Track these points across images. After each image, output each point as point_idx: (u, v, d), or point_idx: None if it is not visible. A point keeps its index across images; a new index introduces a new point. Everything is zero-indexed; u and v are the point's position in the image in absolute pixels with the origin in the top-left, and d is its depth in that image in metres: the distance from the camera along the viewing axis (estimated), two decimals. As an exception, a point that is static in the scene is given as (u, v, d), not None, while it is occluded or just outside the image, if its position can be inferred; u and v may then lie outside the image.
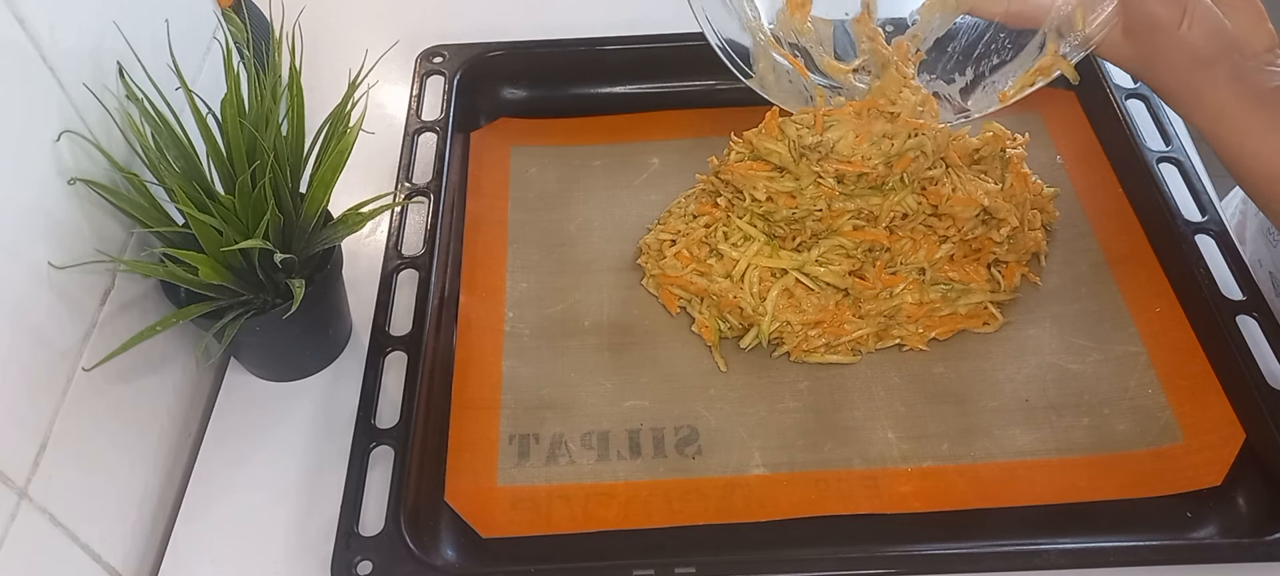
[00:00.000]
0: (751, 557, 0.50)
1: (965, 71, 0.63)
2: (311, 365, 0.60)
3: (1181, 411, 0.56)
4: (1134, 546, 0.50)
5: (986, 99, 0.61)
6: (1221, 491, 0.53)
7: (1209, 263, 0.60)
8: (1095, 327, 0.61)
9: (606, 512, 0.53)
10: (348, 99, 0.52)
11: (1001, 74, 0.62)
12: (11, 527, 0.42)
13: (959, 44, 0.62)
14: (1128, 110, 0.69)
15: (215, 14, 0.64)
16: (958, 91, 0.63)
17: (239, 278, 0.51)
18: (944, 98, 0.62)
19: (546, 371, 0.60)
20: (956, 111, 0.62)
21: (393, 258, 0.62)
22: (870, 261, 0.60)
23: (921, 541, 0.52)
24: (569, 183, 0.71)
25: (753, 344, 0.60)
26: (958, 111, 0.62)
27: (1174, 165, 0.66)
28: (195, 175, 0.51)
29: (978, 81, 0.62)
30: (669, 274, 0.63)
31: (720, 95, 0.75)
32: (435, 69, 0.74)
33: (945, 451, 0.56)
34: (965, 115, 0.62)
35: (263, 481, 0.55)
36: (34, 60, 0.45)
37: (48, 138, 0.45)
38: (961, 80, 0.63)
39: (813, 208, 0.59)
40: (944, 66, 0.62)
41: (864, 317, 0.60)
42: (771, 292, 0.60)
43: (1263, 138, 0.54)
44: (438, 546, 0.51)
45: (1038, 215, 0.64)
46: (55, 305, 0.46)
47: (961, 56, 0.62)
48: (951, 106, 0.62)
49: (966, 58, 0.62)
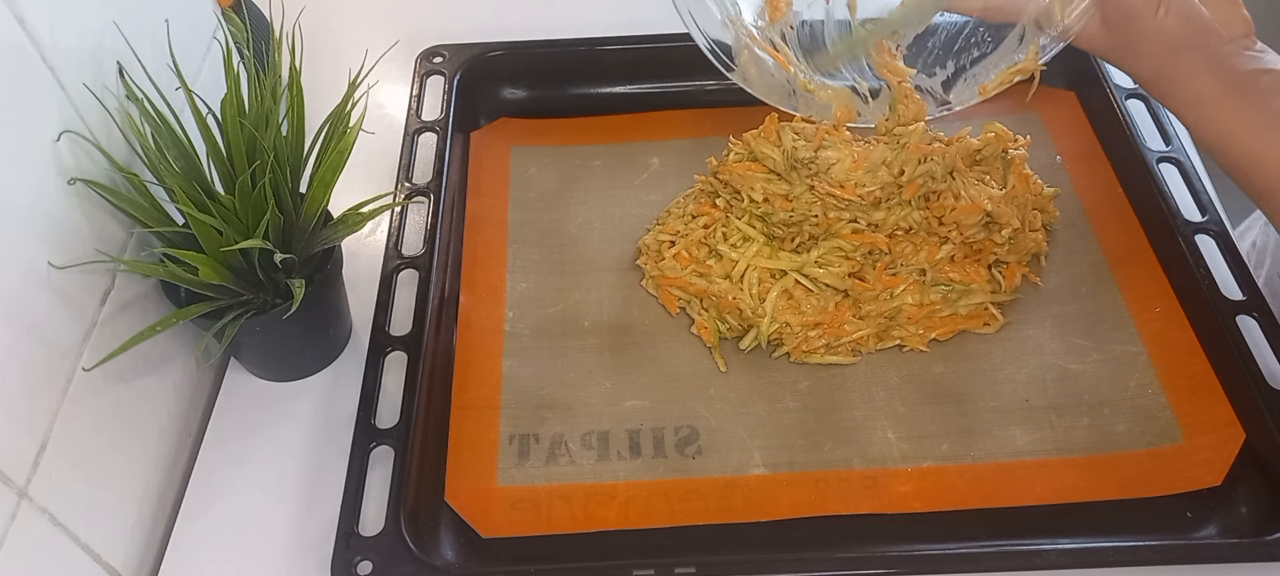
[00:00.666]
0: (751, 558, 0.50)
1: (946, 65, 0.63)
2: (311, 365, 0.60)
3: (1181, 411, 0.56)
4: (1134, 546, 0.50)
5: (968, 91, 0.62)
6: (1221, 491, 0.53)
7: (1209, 263, 0.60)
8: (1095, 328, 0.61)
9: (606, 512, 0.53)
10: (348, 99, 0.52)
11: (983, 67, 0.62)
12: (11, 527, 0.42)
13: (939, 39, 0.62)
14: (1128, 110, 0.69)
15: (215, 14, 0.64)
16: (939, 84, 0.63)
17: (239, 277, 0.51)
18: (926, 91, 0.62)
19: (546, 371, 0.60)
20: (939, 104, 0.62)
21: (393, 258, 0.62)
22: (870, 264, 0.60)
23: (921, 541, 0.52)
24: (569, 183, 0.71)
25: (752, 345, 0.60)
26: (939, 104, 0.62)
27: (1174, 165, 0.66)
28: (195, 175, 0.51)
29: (959, 74, 0.62)
30: (668, 276, 0.62)
31: (720, 95, 0.75)
32: (435, 69, 0.74)
33: (945, 451, 0.56)
34: (947, 107, 0.62)
35: (263, 481, 0.55)
36: (34, 60, 0.45)
37: (48, 138, 0.45)
38: (943, 73, 0.63)
39: (809, 213, 0.59)
40: (925, 61, 0.63)
41: (864, 319, 0.60)
42: (771, 294, 0.60)
43: (1239, 122, 0.54)
44: (438, 546, 0.51)
45: (1038, 215, 0.64)
46: (55, 305, 0.46)
47: (942, 51, 0.62)
48: (934, 100, 0.62)
49: (947, 52, 0.62)
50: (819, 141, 0.58)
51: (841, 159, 0.58)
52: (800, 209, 0.59)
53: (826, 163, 0.58)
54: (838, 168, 0.58)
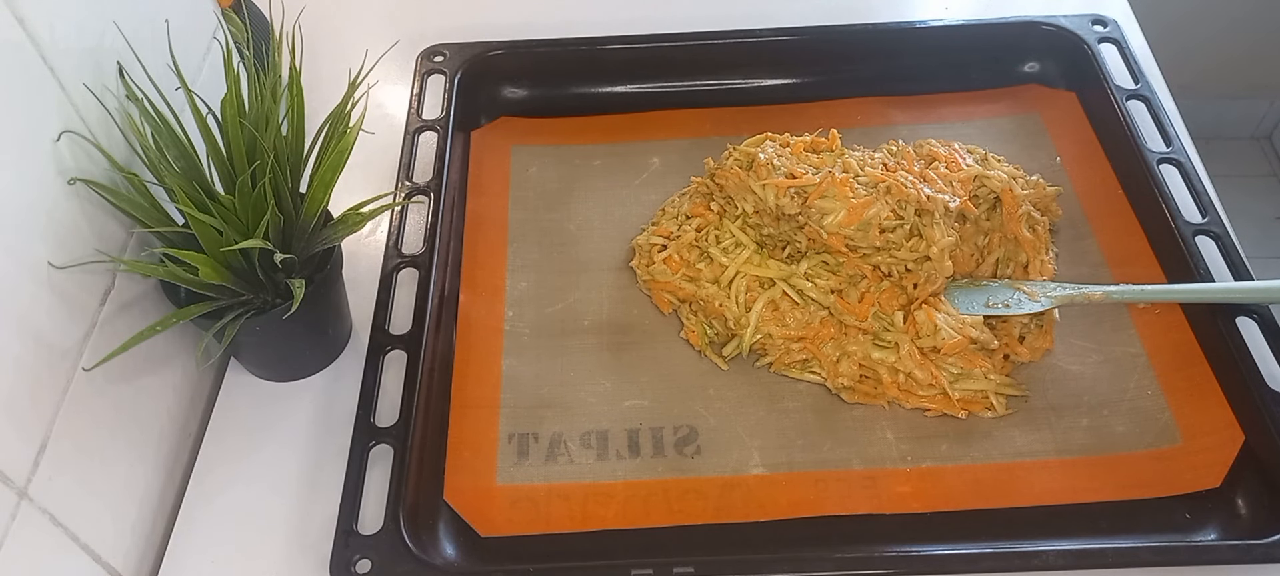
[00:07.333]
0: (750, 557, 0.50)
1: None
2: (311, 365, 0.60)
3: (1181, 413, 0.56)
4: (1133, 547, 0.50)
5: None
6: (1221, 493, 0.53)
7: (1209, 264, 0.60)
8: (1095, 328, 0.61)
9: (605, 512, 0.54)
10: (348, 99, 0.52)
11: None
12: (11, 527, 0.42)
13: None
14: (1128, 111, 0.69)
15: (215, 14, 0.64)
16: None
17: (239, 277, 0.51)
18: None
19: (546, 370, 0.60)
20: None
21: (393, 256, 0.62)
22: (851, 283, 0.59)
23: (920, 542, 0.52)
24: (569, 182, 0.71)
25: (734, 353, 0.60)
26: None
27: (1174, 166, 0.66)
28: (195, 175, 0.51)
29: None
30: (658, 280, 0.63)
31: (720, 95, 0.75)
32: (436, 68, 0.74)
33: (944, 452, 0.56)
34: None
35: (262, 480, 0.55)
36: (34, 60, 0.45)
37: (48, 138, 0.45)
38: None
39: (793, 237, 0.60)
40: None
41: (847, 355, 0.58)
42: (757, 304, 0.60)
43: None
44: (437, 545, 0.51)
45: (1040, 216, 0.64)
46: (55, 305, 0.46)
47: None
48: None
49: None
50: (816, 196, 0.58)
51: (836, 210, 0.58)
52: (786, 232, 0.60)
53: (821, 212, 0.58)
54: (831, 219, 0.58)
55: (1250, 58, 1.57)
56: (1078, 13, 0.76)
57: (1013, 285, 0.60)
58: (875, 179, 0.59)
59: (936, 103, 0.75)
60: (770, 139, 0.64)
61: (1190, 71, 1.53)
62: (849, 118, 0.73)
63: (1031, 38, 0.75)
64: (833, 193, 0.58)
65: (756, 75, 0.76)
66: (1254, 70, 1.59)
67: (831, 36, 0.75)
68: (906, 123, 0.73)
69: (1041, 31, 0.75)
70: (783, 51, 0.75)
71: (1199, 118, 1.49)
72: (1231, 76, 1.60)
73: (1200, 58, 1.53)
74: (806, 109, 0.74)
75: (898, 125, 0.73)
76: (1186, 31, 1.49)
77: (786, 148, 0.63)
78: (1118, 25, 0.75)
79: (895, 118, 0.74)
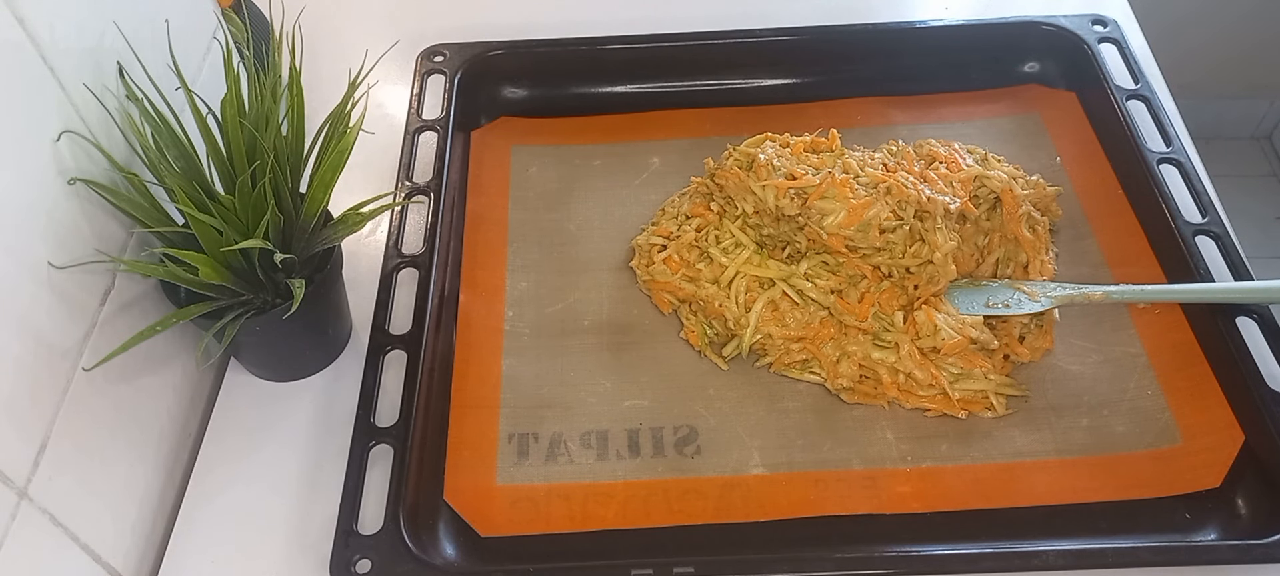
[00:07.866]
0: (750, 557, 0.50)
1: None
2: (311, 365, 0.60)
3: (1181, 413, 0.56)
4: (1133, 548, 0.50)
5: None
6: (1220, 493, 0.53)
7: (1209, 264, 0.60)
8: (1095, 328, 0.61)
9: (605, 512, 0.54)
10: (348, 99, 0.52)
11: None
12: (11, 527, 0.42)
13: None
14: (1128, 111, 0.69)
15: (215, 14, 0.64)
16: None
17: (239, 277, 0.51)
18: None
19: (546, 370, 0.60)
20: None
21: (393, 256, 0.62)
22: (851, 284, 0.59)
23: (920, 542, 0.52)
24: (569, 182, 0.71)
25: (734, 353, 0.60)
26: None
27: (1174, 166, 0.66)
28: (195, 175, 0.51)
29: None
30: (658, 280, 0.63)
31: (720, 95, 0.75)
32: (436, 68, 0.74)
33: (944, 452, 0.56)
34: None
35: (262, 480, 0.55)
36: (34, 60, 0.45)
37: (48, 138, 0.45)
38: None
39: (793, 238, 0.60)
40: None
41: (847, 356, 0.58)
42: (757, 304, 0.60)
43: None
44: (437, 545, 0.51)
45: (1041, 217, 0.64)
46: (55, 305, 0.46)
47: None
48: None
49: None
50: (816, 196, 0.58)
51: (836, 211, 0.58)
52: (786, 232, 0.60)
53: (820, 213, 0.58)
54: (831, 220, 0.58)
55: (1250, 58, 1.57)
56: (1078, 13, 0.76)
57: (1013, 285, 0.60)
58: (875, 179, 0.59)
59: (936, 103, 0.75)
60: (770, 139, 0.64)
61: (1190, 71, 1.53)
62: (849, 118, 0.73)
63: (1031, 38, 0.75)
64: (833, 193, 0.58)
65: (756, 75, 0.76)
66: (1254, 70, 1.59)
67: (831, 36, 0.75)
68: (906, 123, 0.74)
69: (1041, 31, 0.75)
70: (783, 51, 0.75)
71: (1199, 118, 1.49)
72: (1231, 76, 1.60)
73: (1200, 58, 1.53)
74: (806, 109, 0.74)
75: (898, 125, 0.73)
76: (1186, 31, 1.49)
77: (786, 148, 0.63)
78: (1118, 25, 0.75)
79: (895, 118, 0.74)
